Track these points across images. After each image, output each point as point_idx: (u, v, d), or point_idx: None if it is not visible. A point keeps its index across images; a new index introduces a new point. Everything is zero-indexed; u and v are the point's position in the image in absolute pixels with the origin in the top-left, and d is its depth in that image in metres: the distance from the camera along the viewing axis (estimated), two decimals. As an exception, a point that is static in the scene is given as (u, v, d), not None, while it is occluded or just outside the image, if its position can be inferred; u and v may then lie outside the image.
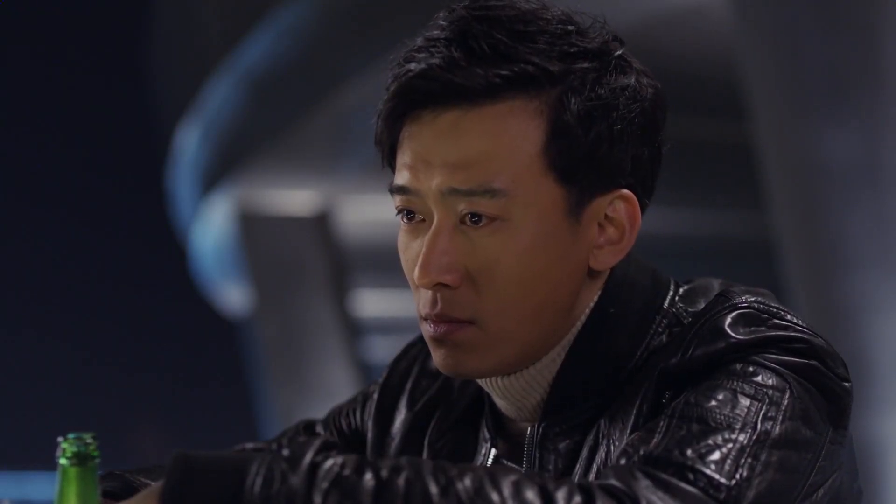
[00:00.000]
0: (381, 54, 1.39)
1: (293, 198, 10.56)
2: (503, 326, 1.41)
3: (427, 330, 1.43)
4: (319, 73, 8.70)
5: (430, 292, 1.41)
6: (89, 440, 1.21)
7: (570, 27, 1.41)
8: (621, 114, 1.40)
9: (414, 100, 1.40)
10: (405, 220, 1.44)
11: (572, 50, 1.40)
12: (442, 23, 1.42)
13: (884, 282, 4.88)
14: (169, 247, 12.88)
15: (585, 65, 1.40)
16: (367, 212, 10.79)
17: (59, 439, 1.22)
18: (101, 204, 16.10)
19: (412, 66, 1.40)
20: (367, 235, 11.18)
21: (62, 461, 1.21)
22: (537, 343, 1.43)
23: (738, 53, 5.62)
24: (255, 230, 10.70)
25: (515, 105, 1.39)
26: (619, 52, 1.43)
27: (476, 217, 1.39)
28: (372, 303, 12.61)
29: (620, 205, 1.43)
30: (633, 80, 1.43)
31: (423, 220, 1.43)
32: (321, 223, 10.75)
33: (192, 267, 12.57)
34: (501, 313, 1.40)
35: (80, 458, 1.21)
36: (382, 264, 11.34)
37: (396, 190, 1.43)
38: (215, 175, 10.44)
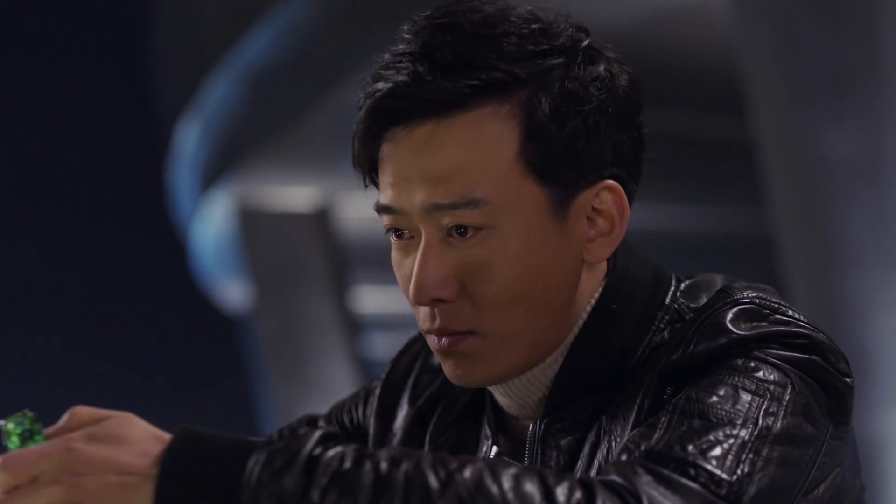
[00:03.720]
0: (381, 51, 1.39)
1: (293, 194, 10.56)
2: (504, 333, 1.41)
3: (432, 343, 1.44)
4: (319, 70, 8.69)
5: (427, 308, 1.41)
6: (29, 414, 1.22)
7: (534, 25, 1.40)
8: (594, 105, 1.40)
9: (385, 118, 1.40)
10: (395, 238, 1.44)
11: (539, 49, 1.39)
12: (406, 36, 1.42)
13: (884, 279, 4.88)
14: (169, 243, 12.87)
15: (553, 61, 1.39)
16: (367, 208, 10.67)
17: (1, 423, 1.22)
18: (100, 200, 16.09)
19: (380, 85, 1.40)
20: (367, 232, 11.16)
21: (11, 444, 1.21)
22: (542, 342, 1.43)
23: (738, 50, 5.62)
24: (255, 226, 10.69)
25: (487, 112, 1.38)
26: (586, 43, 1.42)
27: (462, 229, 1.39)
28: (372, 299, 12.60)
29: (606, 195, 1.42)
30: (602, 68, 1.42)
31: (413, 237, 1.43)
32: (321, 219, 10.74)
33: (191, 263, 12.57)
34: (501, 320, 1.40)
35: (25, 437, 1.21)
36: (382, 261, 11.29)
37: (381, 210, 1.44)
38: (215, 171, 10.44)
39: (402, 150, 1.40)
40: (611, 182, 1.42)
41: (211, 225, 11.32)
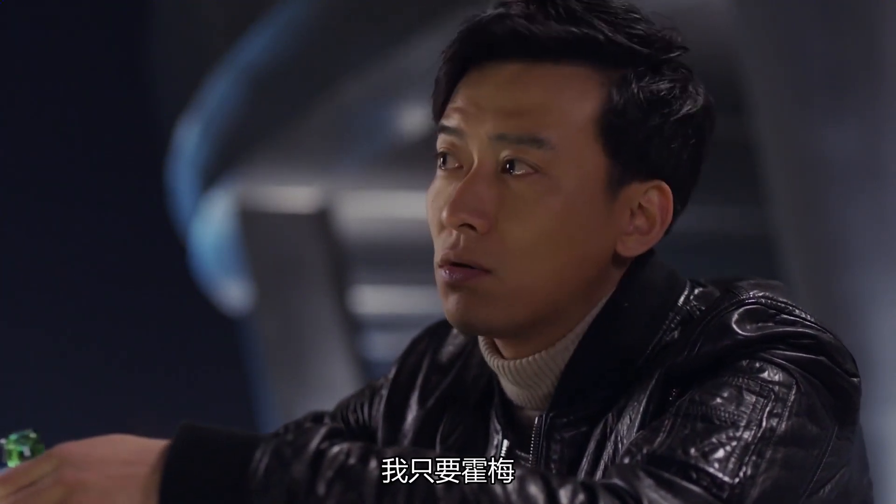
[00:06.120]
0: (381, 51, 1.40)
1: (293, 194, 10.55)
2: (522, 281, 1.41)
3: (442, 276, 1.43)
4: (319, 70, 8.69)
5: (454, 233, 1.41)
6: (32, 435, 1.21)
7: (636, 16, 1.44)
8: (675, 109, 1.43)
9: (483, 42, 1.43)
10: (442, 166, 1.45)
11: (639, 32, 1.43)
12: None
13: (884, 278, 4.88)
14: (169, 243, 12.87)
15: (650, 51, 1.43)
16: (367, 208, 10.78)
17: (2, 441, 1.21)
18: (101, 200, 16.09)
19: (487, 12, 1.44)
20: (367, 232, 11.17)
21: (11, 463, 1.21)
22: (551, 311, 1.43)
23: (739, 50, 5.62)
24: (255, 226, 10.69)
25: (579, 71, 1.42)
26: (678, 54, 1.46)
27: (518, 166, 1.40)
28: (372, 299, 12.60)
29: (655, 196, 1.44)
30: (690, 83, 1.46)
31: (460, 168, 1.44)
32: (321, 219, 10.74)
33: (192, 263, 12.57)
34: (523, 267, 1.40)
35: (27, 458, 1.20)
36: (382, 261, 11.34)
37: (441, 129, 1.44)
38: (215, 171, 10.44)
39: (487, 81, 1.43)
40: (663, 184, 1.44)
41: (211, 225, 11.32)
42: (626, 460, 1.28)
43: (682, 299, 1.46)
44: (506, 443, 1.49)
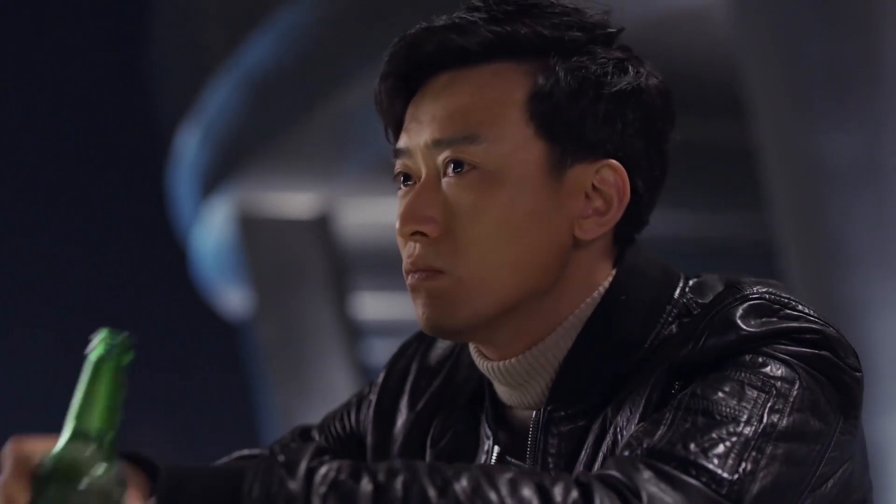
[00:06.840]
0: (381, 56, 1.43)
1: (293, 200, 10.56)
2: (478, 278, 1.42)
3: (408, 283, 1.45)
4: (320, 76, 8.69)
5: (411, 243, 1.44)
6: (126, 336, 1.19)
7: (569, 7, 1.46)
8: (607, 87, 1.43)
9: (414, 59, 1.45)
10: (400, 188, 1.47)
11: (565, 21, 1.45)
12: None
13: (884, 282, 4.89)
14: (169, 249, 12.87)
15: (577, 34, 1.44)
16: (367, 214, 10.78)
17: (95, 333, 1.18)
18: (101, 205, 16.10)
19: (413, 29, 1.46)
20: (366, 238, 11.16)
21: (95, 355, 1.17)
22: (519, 304, 1.43)
23: (738, 55, 5.62)
24: (255, 232, 10.69)
25: (508, 66, 1.44)
26: (614, 31, 1.47)
27: (458, 166, 1.42)
28: (372, 305, 12.60)
29: (609, 174, 1.44)
30: (628, 62, 1.45)
31: (415, 184, 1.46)
32: (321, 226, 10.74)
33: (192, 269, 12.57)
34: (476, 262, 1.41)
35: (115, 353, 1.18)
36: (382, 267, 11.33)
37: (394, 153, 1.48)
38: (215, 177, 10.44)
39: (423, 97, 1.46)
40: (614, 162, 1.44)
41: (211, 231, 11.32)
42: (626, 453, 1.28)
43: (677, 292, 1.46)
44: (496, 449, 1.48)
